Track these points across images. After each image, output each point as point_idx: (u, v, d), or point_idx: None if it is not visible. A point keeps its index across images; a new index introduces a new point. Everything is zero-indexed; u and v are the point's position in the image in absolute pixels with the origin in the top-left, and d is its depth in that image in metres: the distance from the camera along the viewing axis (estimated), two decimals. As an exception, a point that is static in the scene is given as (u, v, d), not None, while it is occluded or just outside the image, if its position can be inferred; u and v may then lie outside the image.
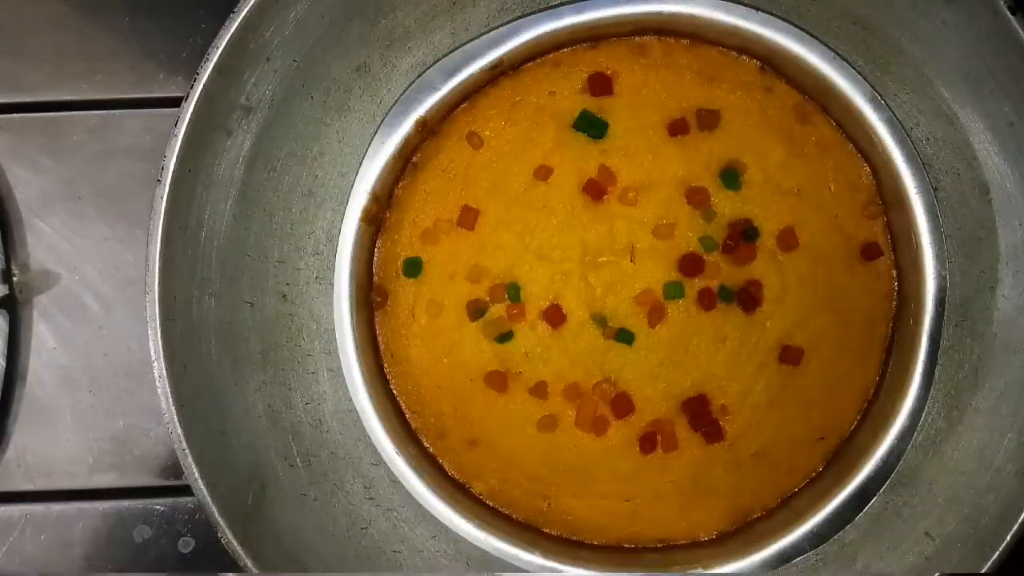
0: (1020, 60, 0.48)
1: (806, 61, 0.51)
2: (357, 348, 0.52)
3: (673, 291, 0.52)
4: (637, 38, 0.53)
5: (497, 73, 0.53)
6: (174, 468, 0.59)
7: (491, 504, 0.54)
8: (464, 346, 0.53)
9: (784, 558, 0.51)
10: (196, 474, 0.48)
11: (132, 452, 0.59)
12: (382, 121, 0.52)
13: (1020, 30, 0.47)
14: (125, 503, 0.59)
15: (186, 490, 0.50)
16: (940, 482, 0.51)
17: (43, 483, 0.59)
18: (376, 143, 0.52)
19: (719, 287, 0.52)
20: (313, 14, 0.50)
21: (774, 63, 0.53)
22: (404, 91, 0.52)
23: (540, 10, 0.52)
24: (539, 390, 0.53)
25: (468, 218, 0.53)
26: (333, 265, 0.53)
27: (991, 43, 0.48)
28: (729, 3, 0.51)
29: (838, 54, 0.51)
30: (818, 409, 0.53)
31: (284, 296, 0.53)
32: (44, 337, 0.59)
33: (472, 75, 0.52)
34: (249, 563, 0.48)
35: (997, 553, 0.48)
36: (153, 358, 0.48)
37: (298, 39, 0.50)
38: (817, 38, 0.51)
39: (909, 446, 0.51)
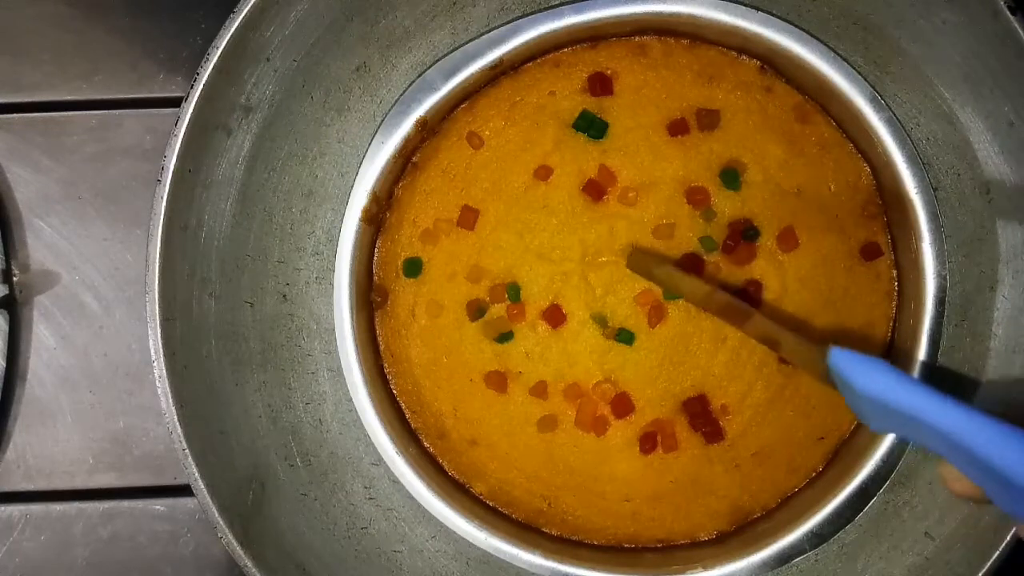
0: (1020, 60, 0.48)
1: (806, 61, 0.51)
2: (357, 348, 0.53)
3: (673, 291, 0.52)
4: (637, 38, 0.53)
5: (497, 73, 0.53)
6: (174, 468, 0.59)
7: (491, 504, 0.54)
8: (464, 346, 0.53)
9: (784, 558, 0.51)
10: (196, 474, 0.48)
11: (132, 452, 0.59)
12: (382, 121, 0.52)
13: (1020, 30, 0.47)
14: (125, 503, 0.59)
15: (186, 490, 0.50)
16: (940, 482, 0.51)
17: (43, 483, 0.59)
18: (376, 143, 0.52)
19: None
20: (313, 14, 0.50)
21: (774, 63, 0.53)
22: (404, 91, 0.52)
23: (540, 10, 0.52)
24: (539, 390, 0.53)
25: (468, 218, 0.53)
26: (333, 265, 0.53)
27: (991, 43, 0.48)
28: (729, 3, 0.51)
29: (838, 54, 0.51)
30: (818, 409, 0.53)
31: (284, 296, 0.53)
32: (44, 337, 0.59)
33: (472, 75, 0.52)
34: (249, 563, 0.48)
35: (997, 553, 0.48)
36: (153, 358, 0.48)
37: (298, 39, 0.50)
38: (817, 38, 0.51)
39: (909, 446, 0.51)
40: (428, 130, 0.53)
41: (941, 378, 0.51)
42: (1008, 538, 0.48)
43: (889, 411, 0.40)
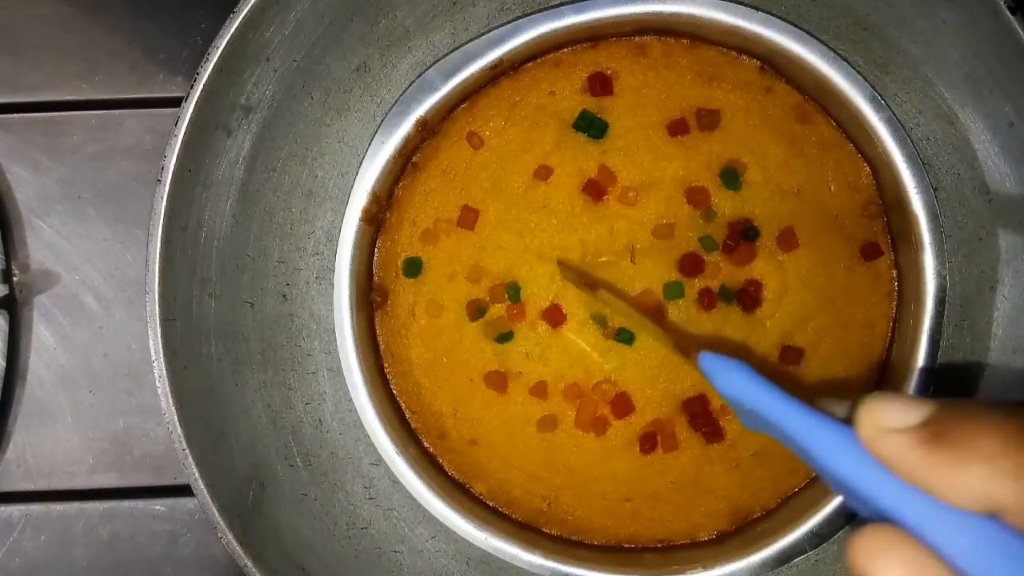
0: (1020, 60, 0.48)
1: (806, 61, 0.51)
2: (357, 348, 0.52)
3: (673, 291, 0.52)
4: (637, 38, 0.53)
5: (497, 73, 0.53)
6: (174, 468, 0.59)
7: (491, 504, 0.54)
8: (464, 346, 0.53)
9: (784, 558, 0.51)
10: (196, 474, 0.48)
11: (132, 452, 0.59)
12: (382, 121, 0.52)
13: (1020, 30, 0.47)
14: (125, 503, 0.59)
15: (186, 490, 0.50)
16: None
17: (43, 483, 0.59)
18: (376, 143, 0.52)
19: (719, 287, 0.52)
20: (313, 14, 0.50)
21: (774, 63, 0.53)
22: (404, 91, 0.52)
23: (540, 10, 0.52)
24: (539, 390, 0.53)
25: (468, 218, 0.53)
26: (333, 265, 0.53)
27: (991, 43, 0.48)
28: (729, 3, 0.51)
29: (838, 54, 0.51)
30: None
31: (284, 296, 0.53)
32: (44, 337, 0.59)
33: (472, 75, 0.52)
34: (249, 563, 0.48)
35: (997, 553, 0.48)
36: (153, 358, 0.48)
37: (298, 39, 0.50)
38: (817, 38, 0.51)
39: (909, 446, 0.51)
40: (428, 130, 0.53)
41: (941, 378, 0.51)
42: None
43: (749, 412, 0.40)
